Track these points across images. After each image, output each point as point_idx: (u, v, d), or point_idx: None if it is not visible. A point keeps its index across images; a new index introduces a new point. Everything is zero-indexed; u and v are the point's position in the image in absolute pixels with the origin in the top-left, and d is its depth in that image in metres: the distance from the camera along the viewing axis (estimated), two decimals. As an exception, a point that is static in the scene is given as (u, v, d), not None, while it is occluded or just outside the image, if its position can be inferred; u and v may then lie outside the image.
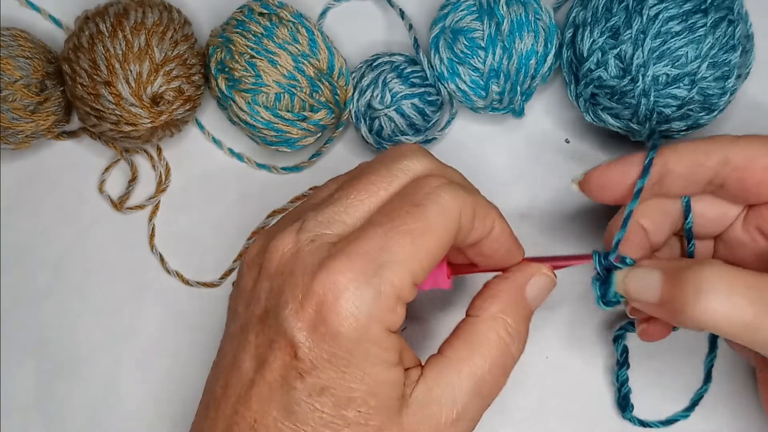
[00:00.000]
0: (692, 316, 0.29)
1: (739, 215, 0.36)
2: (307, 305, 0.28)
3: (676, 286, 0.30)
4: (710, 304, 0.29)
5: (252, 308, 0.30)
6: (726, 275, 0.29)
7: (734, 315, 0.28)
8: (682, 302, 0.29)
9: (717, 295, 0.29)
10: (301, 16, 0.44)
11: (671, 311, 0.31)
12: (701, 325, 0.29)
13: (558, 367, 0.42)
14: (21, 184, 0.47)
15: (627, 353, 0.40)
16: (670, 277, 0.31)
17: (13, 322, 0.44)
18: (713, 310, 0.29)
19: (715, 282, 0.29)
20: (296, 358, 0.28)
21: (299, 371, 0.28)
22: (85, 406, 0.43)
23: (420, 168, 0.32)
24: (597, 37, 0.40)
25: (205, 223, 0.46)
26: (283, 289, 0.29)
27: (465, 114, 0.46)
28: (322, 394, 0.28)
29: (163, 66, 0.42)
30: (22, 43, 0.44)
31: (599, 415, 0.41)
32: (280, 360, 0.28)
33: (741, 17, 0.40)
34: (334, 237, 0.30)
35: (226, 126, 0.46)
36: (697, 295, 0.29)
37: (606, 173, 0.35)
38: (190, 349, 0.44)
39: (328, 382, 0.28)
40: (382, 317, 0.28)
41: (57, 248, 0.45)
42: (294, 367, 0.28)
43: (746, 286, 0.29)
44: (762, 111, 0.45)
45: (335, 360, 0.28)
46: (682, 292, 0.30)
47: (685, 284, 0.30)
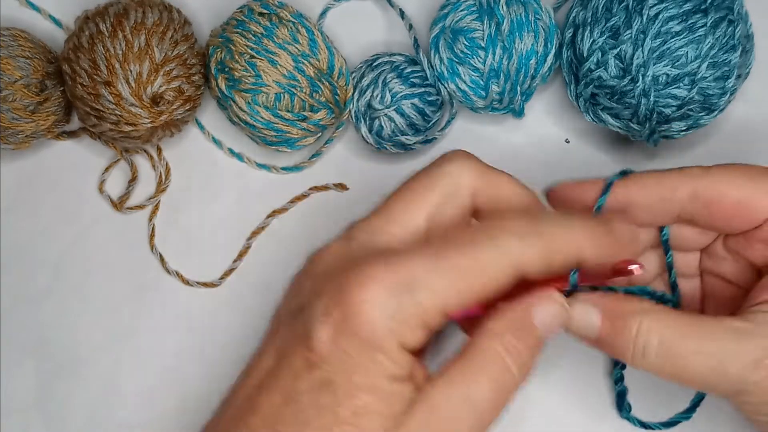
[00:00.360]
0: (630, 361, 0.31)
1: (718, 236, 0.36)
2: (335, 302, 0.28)
3: (614, 329, 0.31)
4: (646, 354, 0.30)
5: (290, 305, 0.31)
6: (662, 325, 0.30)
7: (669, 365, 0.30)
8: (620, 347, 0.31)
9: (652, 345, 0.30)
10: (301, 16, 0.44)
11: (610, 350, 0.32)
12: (639, 369, 0.31)
13: (557, 367, 0.42)
14: (21, 184, 0.47)
15: None
16: (610, 319, 0.31)
17: (13, 322, 0.44)
18: (648, 359, 0.30)
19: (651, 332, 0.30)
20: (310, 350, 0.28)
21: (310, 363, 0.28)
22: (85, 406, 0.43)
23: (461, 171, 0.32)
24: (597, 37, 0.40)
25: (205, 223, 0.46)
26: (320, 287, 0.29)
27: (465, 114, 0.46)
28: (325, 388, 0.28)
29: (163, 66, 0.42)
30: (22, 43, 0.44)
31: (599, 415, 0.41)
32: (299, 352, 0.29)
33: (741, 17, 0.40)
34: (382, 244, 0.30)
35: (226, 126, 0.46)
36: (634, 344, 0.31)
37: (567, 190, 0.35)
38: (190, 349, 0.44)
39: (334, 377, 0.28)
40: (399, 332, 0.28)
41: (57, 248, 0.45)
42: (307, 358, 0.28)
43: (681, 336, 0.30)
44: (762, 111, 0.45)
45: (345, 358, 0.28)
46: (620, 337, 0.31)
47: (623, 330, 0.31)
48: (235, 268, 0.45)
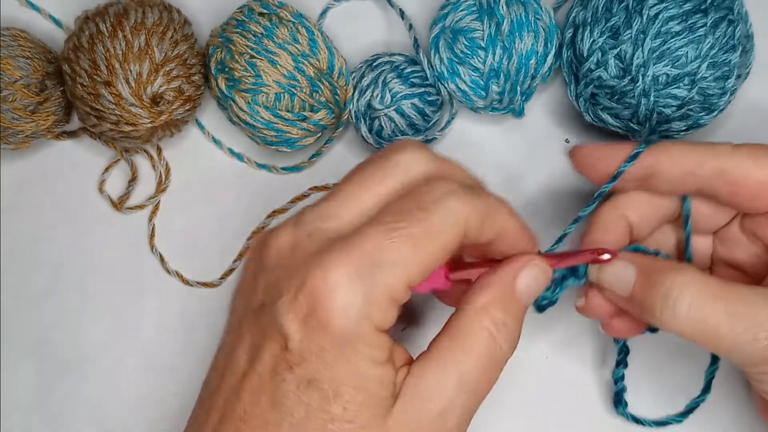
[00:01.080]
0: (659, 318, 0.31)
1: (736, 215, 0.36)
2: (300, 297, 0.28)
3: (647, 285, 0.31)
4: (676, 311, 0.30)
5: (250, 301, 0.30)
6: (695, 284, 0.30)
7: (698, 323, 0.30)
8: (650, 303, 0.31)
9: (683, 303, 0.30)
10: (301, 16, 0.44)
11: (640, 309, 0.32)
12: (666, 328, 0.31)
13: (557, 366, 0.42)
14: (21, 184, 0.47)
15: (626, 353, 0.40)
16: (644, 275, 0.32)
17: (13, 322, 0.44)
18: (677, 316, 0.30)
19: (684, 290, 0.30)
20: (286, 350, 0.28)
21: (289, 363, 0.28)
22: (85, 406, 0.43)
23: (416, 161, 0.31)
24: (597, 37, 0.40)
25: (205, 223, 0.46)
26: (279, 282, 0.29)
27: (465, 114, 0.46)
28: (309, 386, 0.28)
29: (163, 66, 0.42)
30: (22, 43, 0.44)
31: (598, 414, 0.41)
32: (271, 351, 0.28)
33: (741, 17, 0.40)
34: (332, 232, 0.29)
35: (226, 126, 0.46)
36: (665, 300, 0.30)
37: (593, 150, 0.35)
38: (190, 348, 0.44)
39: (316, 375, 0.28)
40: (372, 315, 0.28)
41: (57, 248, 0.45)
42: (284, 358, 0.28)
43: (713, 297, 0.30)
44: (762, 111, 0.45)
45: (323, 353, 0.28)
46: (652, 293, 0.31)
47: (656, 286, 0.31)
48: (235, 268, 0.45)
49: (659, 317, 0.31)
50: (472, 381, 0.30)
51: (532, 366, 0.42)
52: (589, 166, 0.36)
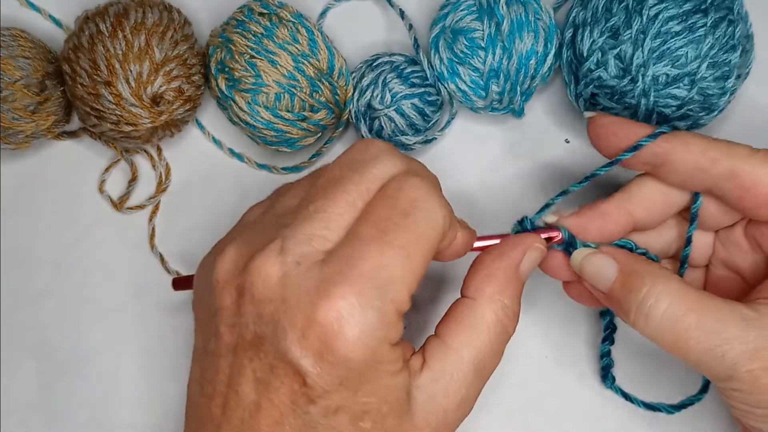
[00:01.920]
0: (632, 321, 0.31)
1: (741, 219, 0.36)
2: (310, 335, 0.27)
3: (625, 286, 0.32)
4: (649, 318, 0.31)
5: (241, 331, 0.29)
6: (672, 293, 0.31)
7: (669, 333, 0.30)
8: (626, 305, 0.32)
9: (657, 311, 0.31)
10: (301, 16, 0.44)
11: (616, 307, 0.33)
12: (639, 332, 0.31)
13: (557, 366, 0.42)
14: (21, 184, 0.47)
15: (612, 330, 0.41)
16: (624, 275, 0.32)
17: (13, 322, 0.44)
18: (650, 324, 0.31)
19: (660, 298, 0.31)
20: (305, 386, 0.28)
21: (310, 397, 0.28)
22: (85, 406, 0.43)
23: (393, 170, 0.31)
24: (597, 37, 0.40)
25: (205, 223, 0.46)
26: (277, 318, 0.28)
27: (465, 114, 0.46)
28: (337, 413, 0.28)
29: (163, 66, 0.42)
30: (22, 43, 0.44)
31: (598, 414, 0.41)
32: (287, 386, 0.28)
33: (741, 17, 0.40)
34: (319, 254, 0.29)
35: (226, 126, 0.46)
36: (640, 306, 0.31)
37: (613, 123, 0.35)
38: (189, 349, 0.44)
39: (342, 402, 0.28)
40: (386, 335, 0.28)
41: (57, 248, 0.45)
42: (304, 393, 0.28)
43: (687, 309, 0.30)
44: (762, 111, 0.45)
45: (347, 383, 0.28)
46: (629, 296, 0.31)
47: (633, 290, 0.31)
48: (235, 268, 0.45)
49: (632, 321, 0.31)
50: (485, 368, 0.31)
51: (532, 366, 0.42)
52: (606, 137, 0.35)
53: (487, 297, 0.32)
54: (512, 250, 0.33)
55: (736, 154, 0.32)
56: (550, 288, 0.43)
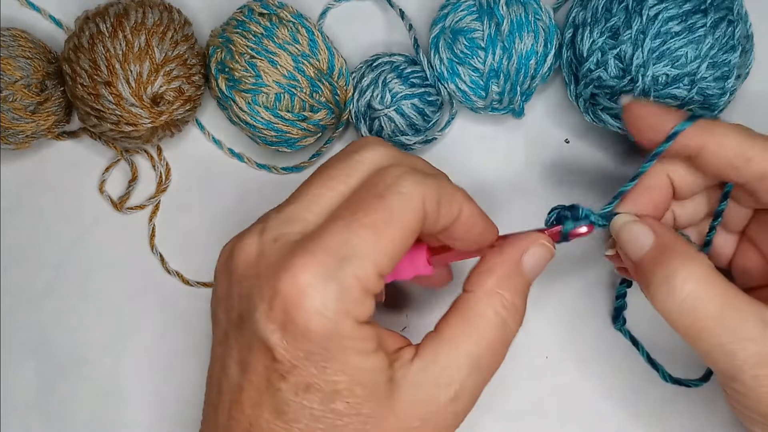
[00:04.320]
0: (652, 295, 0.31)
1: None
2: (275, 306, 0.28)
3: (656, 260, 0.31)
4: (671, 295, 0.30)
5: (229, 314, 0.30)
6: (700, 278, 0.30)
7: (686, 316, 0.30)
8: (652, 278, 0.31)
9: (682, 291, 0.30)
10: (301, 16, 0.44)
11: (641, 278, 0.32)
12: (656, 307, 0.31)
13: (557, 366, 0.42)
14: (21, 184, 0.47)
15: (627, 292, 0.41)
16: (658, 249, 0.32)
17: (13, 322, 0.44)
18: (670, 302, 0.30)
19: (688, 279, 0.30)
20: (275, 360, 0.28)
21: (280, 372, 0.28)
22: (85, 406, 0.43)
23: (379, 158, 0.31)
24: (597, 37, 0.40)
25: (205, 223, 0.46)
26: (251, 293, 0.29)
27: (465, 114, 0.46)
28: (307, 390, 0.28)
29: (164, 66, 0.42)
30: (23, 43, 0.44)
31: (598, 414, 0.41)
32: (261, 363, 0.28)
33: (741, 17, 0.40)
34: (296, 235, 0.29)
35: (226, 126, 0.46)
36: (665, 280, 0.30)
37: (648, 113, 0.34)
38: (189, 349, 0.44)
39: (311, 379, 0.28)
40: (349, 310, 0.28)
41: (57, 248, 0.45)
42: (275, 369, 0.28)
43: (711, 297, 0.30)
44: (762, 111, 0.45)
45: (312, 357, 0.28)
46: (657, 269, 0.31)
47: (663, 264, 0.31)
48: (235, 268, 0.45)
49: (653, 292, 0.31)
50: (484, 362, 0.31)
51: (532, 366, 0.42)
52: (643, 129, 0.34)
53: (485, 290, 0.31)
54: (513, 246, 0.33)
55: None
56: (551, 288, 0.43)
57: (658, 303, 0.31)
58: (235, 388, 0.30)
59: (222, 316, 0.31)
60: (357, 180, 0.30)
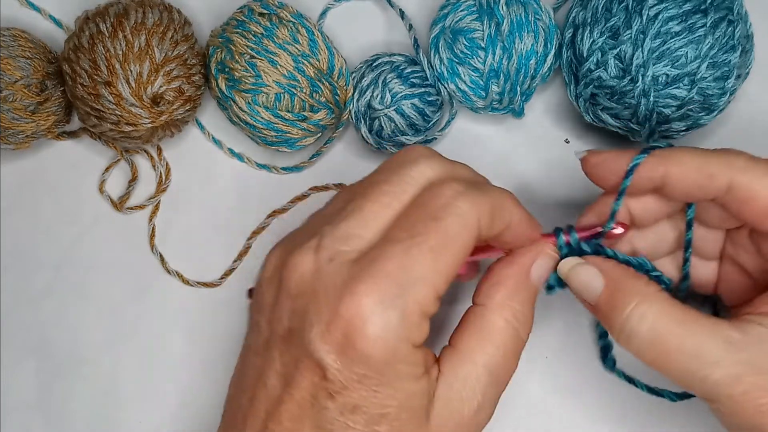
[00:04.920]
0: (617, 338, 0.32)
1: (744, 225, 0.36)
2: (333, 329, 0.28)
3: (611, 302, 0.32)
4: (632, 337, 0.31)
5: (274, 326, 0.30)
6: (656, 314, 0.31)
7: (652, 352, 0.31)
8: (611, 322, 0.32)
9: (641, 330, 0.31)
10: (301, 16, 0.44)
11: (602, 320, 0.33)
12: (623, 347, 0.32)
13: (557, 366, 0.42)
14: (21, 184, 0.47)
15: None
16: (610, 290, 0.32)
17: (13, 322, 0.44)
18: (634, 342, 0.31)
19: (643, 318, 0.31)
20: (326, 380, 0.28)
21: (329, 391, 0.28)
22: (85, 406, 0.43)
23: (431, 173, 0.31)
24: (597, 37, 0.40)
25: (205, 223, 0.46)
26: (307, 311, 0.29)
27: (465, 114, 0.46)
28: (354, 412, 0.28)
29: (164, 66, 0.42)
30: (23, 43, 0.44)
31: (599, 414, 0.41)
32: (309, 380, 0.29)
33: (741, 17, 0.40)
34: (353, 254, 0.29)
35: (226, 126, 0.46)
36: (624, 324, 0.31)
37: (604, 159, 0.35)
38: (190, 348, 0.44)
39: (360, 401, 0.28)
40: (409, 336, 0.28)
41: (57, 248, 0.45)
42: (324, 387, 0.28)
43: (669, 331, 0.30)
44: (762, 111, 0.45)
45: (366, 381, 0.28)
46: (614, 312, 0.32)
47: (618, 307, 0.31)
48: (235, 268, 0.45)
49: (616, 336, 0.32)
50: (500, 372, 0.31)
51: (532, 366, 0.42)
52: (603, 176, 0.35)
53: (497, 303, 0.32)
54: (521, 257, 0.33)
55: (734, 167, 0.32)
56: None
57: (622, 345, 0.32)
58: (275, 399, 0.30)
59: (265, 326, 0.31)
60: (410, 196, 0.31)
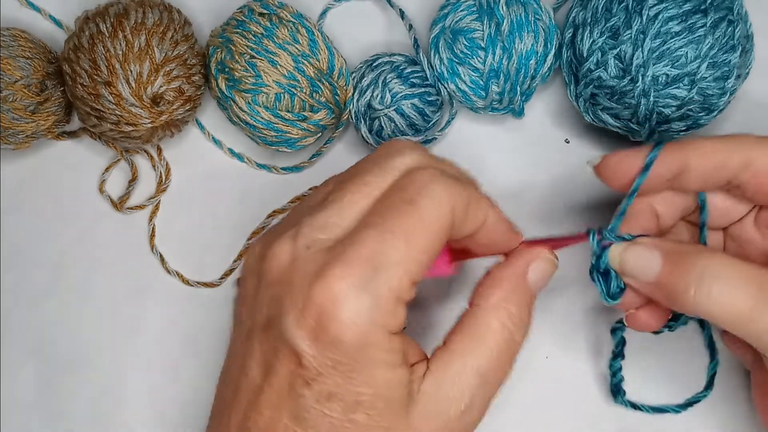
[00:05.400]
0: (691, 300, 0.30)
1: (750, 212, 0.36)
2: (307, 314, 0.28)
3: (676, 268, 0.31)
4: (710, 291, 0.30)
5: (255, 316, 0.30)
6: (728, 265, 0.30)
7: (731, 304, 0.29)
8: (682, 285, 0.30)
9: (717, 282, 0.30)
10: (301, 16, 0.44)
11: (668, 293, 0.31)
12: (697, 311, 0.30)
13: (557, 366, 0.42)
14: (21, 184, 0.47)
15: (623, 345, 0.40)
16: (671, 258, 0.31)
17: (14, 322, 0.44)
18: (712, 297, 0.30)
19: (717, 270, 0.30)
20: (301, 366, 0.28)
21: (305, 379, 0.28)
22: (85, 406, 0.43)
23: (412, 164, 0.31)
24: (597, 37, 0.40)
25: (205, 223, 0.46)
26: (283, 298, 0.29)
27: (465, 114, 0.46)
28: (330, 399, 0.28)
29: (164, 66, 0.42)
30: (23, 43, 0.44)
31: (599, 414, 0.41)
32: (286, 368, 0.29)
33: (741, 17, 0.40)
34: (329, 242, 0.29)
35: (226, 126, 0.46)
36: (698, 280, 0.30)
37: (622, 161, 0.34)
38: (190, 348, 0.44)
39: (335, 388, 0.28)
40: (382, 321, 0.28)
41: (57, 248, 0.45)
42: (300, 374, 0.28)
43: (746, 278, 0.29)
44: (762, 111, 0.45)
45: (340, 366, 0.28)
46: (682, 275, 0.30)
47: (686, 268, 0.30)
48: (235, 268, 0.45)
49: (691, 300, 0.30)
50: (491, 375, 0.31)
51: (532, 366, 0.42)
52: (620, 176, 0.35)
53: (491, 304, 0.31)
54: (517, 260, 0.33)
55: (747, 144, 0.32)
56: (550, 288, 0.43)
57: (700, 307, 0.30)
58: (255, 389, 0.30)
59: (246, 317, 0.31)
60: (388, 186, 0.30)
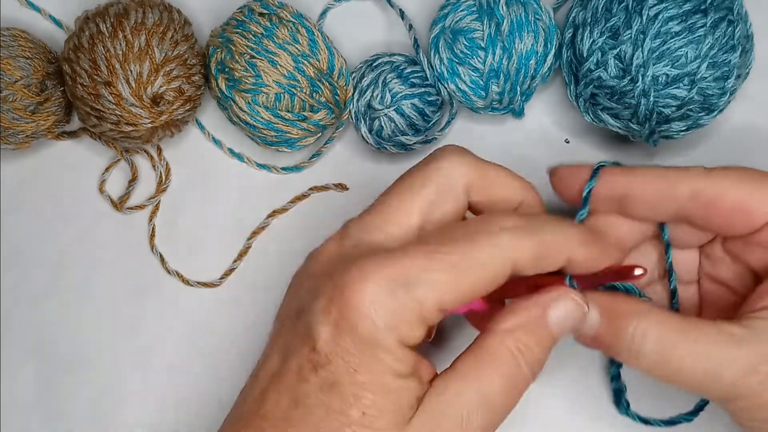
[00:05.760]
0: (626, 361, 0.31)
1: (716, 236, 0.36)
2: (334, 302, 0.28)
3: (611, 329, 0.31)
4: (641, 356, 0.31)
5: (290, 307, 0.31)
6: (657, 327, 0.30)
7: (663, 366, 0.30)
8: (616, 347, 0.31)
9: (646, 347, 0.30)
10: (301, 16, 0.44)
11: (606, 349, 0.32)
12: (634, 368, 0.31)
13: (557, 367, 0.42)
14: (21, 184, 0.47)
15: None
16: (607, 318, 0.32)
17: (14, 322, 0.44)
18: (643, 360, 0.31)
19: (647, 334, 0.30)
20: (314, 351, 0.29)
21: (314, 364, 0.29)
22: (85, 406, 0.43)
23: (456, 167, 0.32)
24: (597, 37, 0.40)
25: (205, 223, 0.46)
26: (319, 288, 0.30)
27: (465, 114, 0.46)
28: (331, 389, 0.28)
29: (164, 66, 0.42)
30: (23, 43, 0.44)
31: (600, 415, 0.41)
32: (301, 352, 0.29)
33: (741, 17, 0.40)
34: (376, 243, 0.30)
35: (226, 126, 0.46)
36: (630, 345, 0.31)
37: (567, 174, 0.36)
38: (190, 349, 0.44)
39: (339, 378, 0.28)
40: (398, 329, 0.28)
41: (57, 248, 0.45)
42: (310, 359, 0.29)
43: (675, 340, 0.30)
44: (762, 111, 0.45)
45: (347, 356, 0.28)
46: (617, 337, 0.31)
47: (619, 330, 0.31)
48: (235, 268, 0.45)
49: (627, 360, 0.31)
50: (491, 399, 0.30)
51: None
52: (565, 188, 0.36)
53: (502, 329, 0.31)
54: (540, 296, 0.32)
55: (693, 175, 0.33)
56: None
57: (635, 367, 0.31)
58: (270, 376, 0.30)
59: (283, 311, 0.32)
60: (433, 190, 0.31)
